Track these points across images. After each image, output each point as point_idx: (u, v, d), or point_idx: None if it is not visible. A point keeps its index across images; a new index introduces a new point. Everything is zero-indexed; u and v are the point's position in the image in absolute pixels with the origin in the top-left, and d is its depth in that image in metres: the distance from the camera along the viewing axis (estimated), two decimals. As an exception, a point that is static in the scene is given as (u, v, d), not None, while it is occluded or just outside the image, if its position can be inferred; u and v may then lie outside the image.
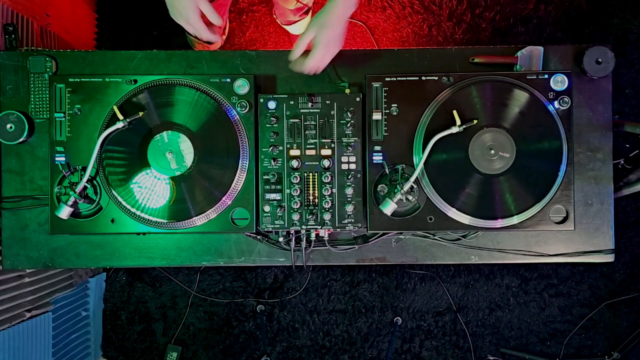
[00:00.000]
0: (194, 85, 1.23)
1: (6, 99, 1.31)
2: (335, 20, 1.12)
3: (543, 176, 1.20)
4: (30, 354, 1.65)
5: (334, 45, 1.16)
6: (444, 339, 2.19)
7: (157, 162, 1.21)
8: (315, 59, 1.16)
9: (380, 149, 1.23)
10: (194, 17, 1.14)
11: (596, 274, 2.17)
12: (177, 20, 1.17)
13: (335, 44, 1.16)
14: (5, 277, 1.55)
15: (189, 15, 1.14)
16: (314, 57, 1.16)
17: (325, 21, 1.13)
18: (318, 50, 1.15)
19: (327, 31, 1.13)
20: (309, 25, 1.15)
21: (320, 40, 1.14)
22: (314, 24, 1.14)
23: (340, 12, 1.12)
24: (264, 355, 2.18)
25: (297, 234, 1.26)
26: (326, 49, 1.15)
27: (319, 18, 1.14)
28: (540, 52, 1.27)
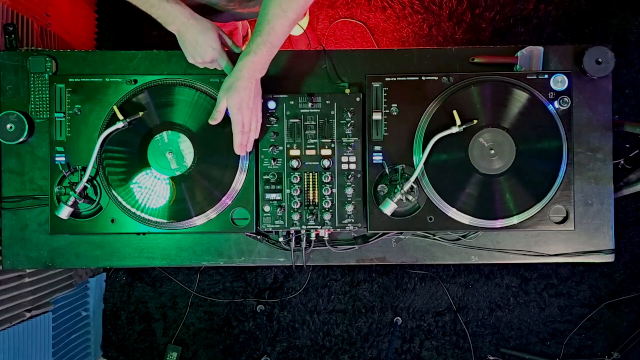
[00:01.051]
0: (194, 85, 1.23)
1: (6, 99, 1.31)
2: (241, 84, 1.10)
3: (543, 176, 1.20)
4: (30, 354, 1.65)
5: (247, 107, 1.13)
6: (444, 339, 2.19)
7: (157, 162, 1.21)
8: (235, 126, 1.14)
9: (380, 149, 1.23)
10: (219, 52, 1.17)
11: (596, 274, 2.17)
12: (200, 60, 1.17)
13: (248, 107, 1.13)
14: (5, 277, 1.55)
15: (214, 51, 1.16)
16: (234, 125, 1.14)
17: (231, 86, 1.11)
18: (232, 116, 1.14)
19: (235, 95, 1.11)
20: (219, 92, 1.14)
21: (231, 105, 1.13)
22: (222, 90, 1.14)
23: (246, 75, 1.10)
24: (264, 355, 2.18)
25: (297, 234, 1.26)
26: (240, 112, 1.13)
27: (225, 83, 1.13)
28: (540, 52, 1.27)
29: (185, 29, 1.13)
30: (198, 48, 1.15)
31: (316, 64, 1.31)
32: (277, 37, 1.09)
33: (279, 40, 1.10)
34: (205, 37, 1.14)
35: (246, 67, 1.10)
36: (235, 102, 1.12)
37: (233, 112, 1.13)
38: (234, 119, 1.14)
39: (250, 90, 1.12)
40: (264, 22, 1.08)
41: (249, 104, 1.13)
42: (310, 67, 1.31)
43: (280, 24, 1.08)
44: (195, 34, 1.13)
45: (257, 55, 1.09)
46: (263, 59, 1.10)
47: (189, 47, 1.15)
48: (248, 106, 1.13)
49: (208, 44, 1.14)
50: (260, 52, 1.09)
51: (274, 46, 1.10)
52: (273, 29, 1.08)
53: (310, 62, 1.31)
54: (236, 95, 1.12)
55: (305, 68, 1.31)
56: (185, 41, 1.15)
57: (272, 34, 1.08)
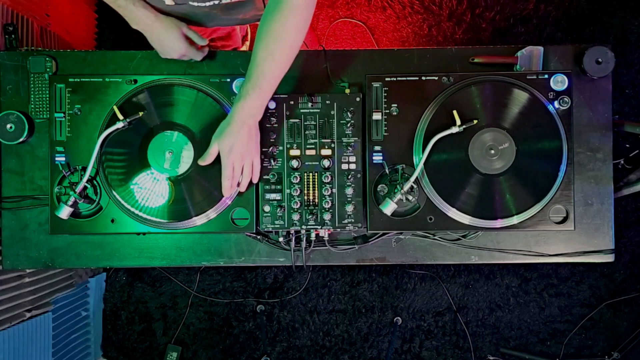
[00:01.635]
0: (194, 85, 1.23)
1: (6, 99, 1.31)
2: (232, 128, 1.10)
3: (543, 176, 1.20)
4: (30, 354, 1.65)
5: (237, 153, 1.13)
6: (444, 339, 2.19)
7: (157, 162, 1.21)
8: (224, 170, 1.14)
9: (380, 149, 1.23)
10: (186, 48, 1.21)
11: (596, 274, 2.17)
12: (171, 57, 1.23)
13: (239, 152, 1.13)
14: (5, 277, 1.55)
15: (181, 48, 1.21)
16: (223, 168, 1.14)
17: (223, 130, 1.12)
18: (222, 159, 1.14)
19: (226, 139, 1.11)
20: (213, 135, 1.15)
21: (221, 149, 1.13)
22: (215, 134, 1.14)
23: (237, 120, 1.10)
24: (264, 355, 2.18)
25: (297, 234, 1.26)
26: (229, 157, 1.13)
27: (219, 129, 1.14)
28: (540, 52, 1.27)
29: (149, 30, 1.17)
30: (164, 47, 1.20)
31: (316, 64, 1.31)
32: (267, 81, 1.08)
33: (269, 85, 1.09)
34: (168, 36, 1.18)
35: (237, 113, 1.10)
36: (226, 146, 1.12)
37: (223, 155, 1.14)
38: (223, 162, 1.14)
39: (242, 135, 1.12)
40: (253, 67, 1.08)
41: (241, 150, 1.13)
42: (310, 67, 1.31)
43: (269, 67, 1.07)
44: (159, 34, 1.17)
45: (247, 100, 1.09)
46: (254, 103, 1.10)
47: (157, 46, 1.21)
48: (239, 151, 1.13)
49: (172, 42, 1.18)
50: (250, 97, 1.09)
51: (265, 90, 1.09)
52: (262, 72, 1.07)
53: (310, 62, 1.31)
54: (227, 139, 1.12)
55: (305, 68, 1.31)
56: (151, 41, 1.21)
57: (262, 78, 1.08)
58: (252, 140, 1.15)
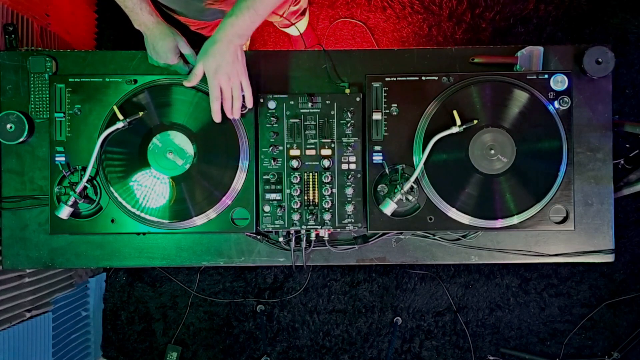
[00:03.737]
0: (194, 85, 1.23)
1: (6, 99, 1.31)
2: (217, 47, 1.09)
3: (543, 176, 1.20)
4: (30, 354, 1.65)
5: (224, 73, 1.11)
6: (444, 339, 2.19)
7: (157, 162, 1.21)
8: (211, 92, 1.13)
9: (380, 149, 1.23)
10: (173, 59, 1.22)
11: (596, 274, 2.17)
12: (158, 61, 1.24)
13: (226, 72, 1.11)
14: (5, 277, 1.55)
15: (168, 58, 1.21)
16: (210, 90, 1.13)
17: (207, 49, 1.10)
18: (208, 80, 1.13)
19: (211, 59, 1.10)
20: (197, 57, 1.14)
21: (207, 69, 1.12)
22: (199, 56, 1.13)
23: (223, 37, 1.08)
24: (264, 355, 2.18)
25: (297, 234, 1.26)
26: (215, 77, 1.11)
27: (204, 47, 1.12)
28: (540, 52, 1.27)
29: (148, 32, 1.19)
30: (154, 52, 1.21)
31: (316, 64, 1.31)
32: (263, 5, 1.07)
33: (264, 9, 1.07)
34: (162, 43, 1.19)
35: (224, 30, 1.08)
36: (211, 65, 1.10)
37: (209, 76, 1.12)
38: (210, 83, 1.12)
39: (228, 54, 1.09)
40: None
41: (227, 69, 1.10)
42: (310, 67, 1.31)
43: None
44: (154, 39, 1.19)
45: (238, 18, 1.07)
46: (244, 23, 1.08)
47: (149, 49, 1.23)
48: (225, 72, 1.10)
49: (163, 50, 1.20)
50: (242, 15, 1.07)
51: (258, 14, 1.07)
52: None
53: (310, 62, 1.31)
54: (212, 59, 1.10)
55: (305, 68, 1.31)
56: (146, 43, 1.22)
57: (258, 1, 1.07)
58: (238, 61, 1.12)
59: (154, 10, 1.18)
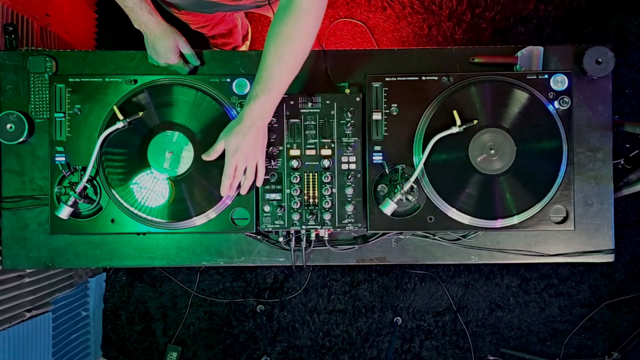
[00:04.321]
0: (194, 85, 1.23)
1: (6, 99, 1.31)
2: (240, 128, 1.10)
3: (543, 176, 1.20)
4: (30, 354, 1.65)
5: (243, 153, 1.12)
6: (444, 339, 2.19)
7: (157, 162, 1.21)
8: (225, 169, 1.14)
9: (380, 149, 1.23)
10: (173, 59, 1.25)
11: (596, 274, 2.17)
12: (158, 61, 1.26)
13: (244, 153, 1.13)
14: (5, 277, 1.55)
15: (169, 58, 1.24)
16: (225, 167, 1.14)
17: (231, 129, 1.12)
18: (226, 158, 1.14)
19: (233, 138, 1.11)
20: (221, 132, 1.15)
21: (227, 147, 1.13)
22: (222, 134, 1.15)
23: (246, 121, 1.10)
24: (264, 355, 2.18)
25: (297, 234, 1.26)
26: (234, 157, 1.12)
27: (228, 127, 1.14)
28: (540, 52, 1.27)
29: (148, 32, 1.21)
30: (154, 52, 1.24)
31: (316, 64, 1.31)
32: (276, 84, 1.08)
33: (278, 88, 1.09)
34: (161, 44, 1.21)
35: (246, 114, 1.10)
36: (232, 145, 1.12)
37: (228, 154, 1.14)
38: (227, 161, 1.14)
39: (250, 136, 1.11)
40: (262, 69, 1.08)
41: (246, 149, 1.12)
42: (310, 67, 1.31)
43: (278, 70, 1.07)
44: (154, 39, 1.21)
45: (256, 102, 1.09)
46: (263, 106, 1.10)
47: (149, 49, 1.25)
48: (244, 152, 1.12)
49: (164, 50, 1.22)
50: (260, 99, 1.09)
51: (274, 93, 1.09)
52: (271, 75, 1.07)
53: (310, 62, 1.31)
54: (234, 138, 1.12)
55: (305, 68, 1.31)
56: (146, 43, 1.25)
57: (271, 80, 1.08)
58: (259, 143, 1.14)
59: (154, 10, 1.19)
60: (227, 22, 1.71)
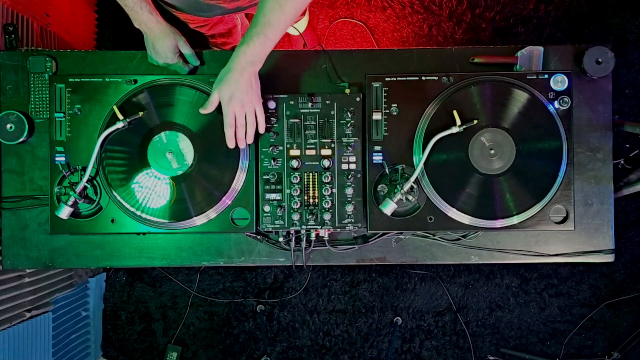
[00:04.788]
0: (194, 85, 1.23)
1: (6, 99, 1.31)
2: (232, 75, 1.10)
3: (543, 176, 1.20)
4: (30, 354, 1.65)
5: (238, 100, 1.12)
6: (444, 339, 2.19)
7: (157, 162, 1.21)
8: (225, 118, 1.14)
9: (380, 149, 1.23)
10: (172, 58, 1.24)
11: (596, 274, 2.17)
12: (158, 61, 1.26)
13: (239, 100, 1.12)
14: (5, 277, 1.55)
15: (168, 57, 1.24)
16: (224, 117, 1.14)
17: (222, 77, 1.12)
18: (223, 108, 1.14)
19: (225, 86, 1.11)
20: (214, 85, 1.15)
21: (221, 96, 1.13)
22: (214, 85, 1.14)
23: (237, 66, 1.09)
24: (264, 355, 2.18)
25: (297, 234, 1.26)
26: (230, 105, 1.12)
27: (218, 77, 1.14)
28: (540, 52, 1.27)
29: (148, 31, 1.20)
30: (154, 51, 1.24)
31: (316, 64, 1.31)
32: (272, 30, 1.08)
33: (274, 34, 1.09)
34: (161, 43, 1.21)
35: (237, 58, 1.10)
36: (225, 93, 1.12)
37: (223, 104, 1.13)
38: (224, 110, 1.14)
39: (242, 82, 1.11)
40: (260, 15, 1.07)
41: (241, 97, 1.12)
42: (310, 67, 1.31)
43: (276, 17, 1.07)
44: (154, 39, 1.21)
45: (249, 46, 1.08)
46: (256, 49, 1.09)
47: (149, 48, 1.25)
48: (239, 99, 1.12)
49: (163, 50, 1.22)
50: (254, 42, 1.08)
51: (269, 39, 1.08)
52: (269, 21, 1.07)
53: (310, 62, 1.31)
54: (226, 86, 1.11)
55: (305, 68, 1.31)
56: (146, 42, 1.24)
57: (267, 26, 1.07)
58: (252, 89, 1.13)
59: (154, 9, 1.19)
60: (226, 22, 1.71)
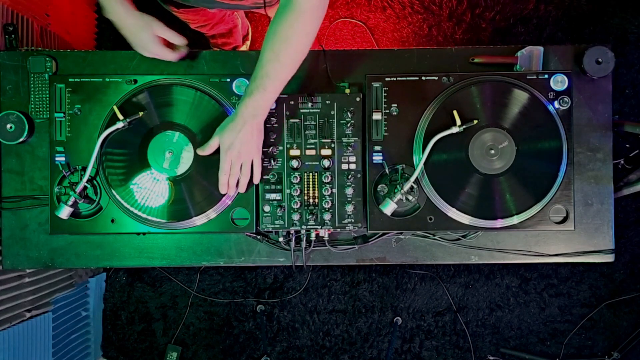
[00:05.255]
0: (194, 85, 1.23)
1: (6, 99, 1.31)
2: (235, 125, 1.11)
3: (543, 176, 1.20)
4: (30, 354, 1.65)
5: (236, 150, 1.13)
6: (444, 339, 2.19)
7: (157, 162, 1.21)
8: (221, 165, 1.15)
9: (380, 149, 1.23)
10: (156, 48, 1.20)
11: (596, 274, 2.17)
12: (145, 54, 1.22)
13: (238, 150, 1.13)
14: (5, 277, 1.55)
15: (152, 48, 1.20)
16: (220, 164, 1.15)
17: (226, 125, 1.13)
18: (221, 154, 1.14)
19: (227, 135, 1.12)
20: (216, 130, 1.15)
21: (221, 143, 1.13)
22: (217, 130, 1.15)
23: (240, 117, 1.10)
24: (264, 355, 2.18)
25: (297, 234, 1.26)
26: (228, 153, 1.13)
27: (223, 123, 1.14)
28: (540, 52, 1.27)
29: (121, 25, 1.16)
30: (136, 45, 1.20)
31: (316, 64, 1.31)
32: (271, 83, 1.08)
33: (274, 86, 1.09)
34: (140, 36, 1.17)
35: (241, 110, 1.10)
36: (226, 141, 1.12)
37: (222, 150, 1.14)
38: (221, 157, 1.14)
39: (243, 133, 1.11)
40: (259, 67, 1.08)
41: (239, 147, 1.12)
42: (310, 67, 1.31)
43: (274, 69, 1.07)
44: (130, 32, 1.17)
45: (250, 99, 1.09)
46: (257, 103, 1.10)
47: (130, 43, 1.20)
48: (237, 149, 1.12)
49: (143, 42, 1.18)
50: (254, 96, 1.09)
51: (268, 91, 1.09)
52: (267, 74, 1.07)
53: (310, 62, 1.31)
54: (227, 135, 1.12)
55: (305, 68, 1.31)
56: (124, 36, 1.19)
57: (266, 78, 1.08)
58: (253, 140, 1.14)
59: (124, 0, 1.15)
60: (227, 22, 1.71)
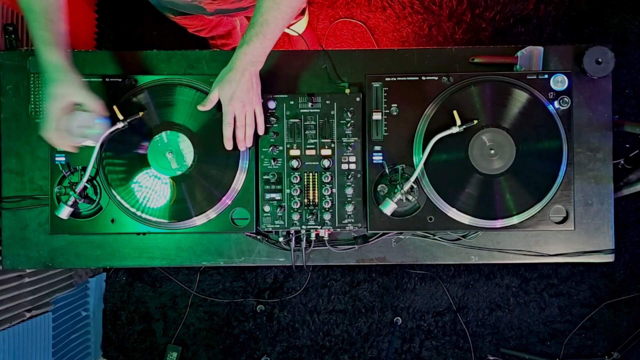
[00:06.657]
0: (194, 85, 1.23)
1: (6, 99, 1.31)
2: (233, 75, 1.10)
3: (543, 176, 1.20)
4: (30, 354, 1.65)
5: (239, 100, 1.12)
6: (444, 339, 2.19)
7: (157, 162, 1.21)
8: (224, 118, 1.14)
9: (380, 149, 1.23)
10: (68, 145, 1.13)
11: (596, 274, 2.17)
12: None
13: (240, 99, 1.12)
14: (5, 277, 1.55)
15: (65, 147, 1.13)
16: (223, 116, 1.14)
17: (223, 76, 1.12)
18: (223, 107, 1.13)
19: (227, 86, 1.11)
20: (214, 82, 1.14)
21: (222, 95, 1.13)
22: (215, 83, 1.14)
23: (238, 66, 1.09)
24: (264, 355, 2.18)
25: (297, 234, 1.26)
26: (230, 104, 1.12)
27: (219, 75, 1.13)
28: (540, 52, 1.27)
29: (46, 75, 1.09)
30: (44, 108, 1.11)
31: (316, 64, 1.31)
32: (270, 30, 1.08)
33: (273, 34, 1.09)
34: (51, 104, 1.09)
35: (238, 58, 1.10)
36: (226, 93, 1.12)
37: (224, 103, 1.13)
38: (224, 109, 1.14)
39: (244, 82, 1.11)
40: (258, 14, 1.07)
41: (241, 97, 1.12)
42: (310, 67, 1.31)
43: (273, 16, 1.07)
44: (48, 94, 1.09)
45: (249, 46, 1.09)
46: (256, 50, 1.09)
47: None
48: (240, 99, 1.12)
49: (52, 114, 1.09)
50: (253, 43, 1.08)
51: (267, 39, 1.08)
52: (266, 21, 1.07)
53: (310, 62, 1.31)
54: (227, 86, 1.11)
55: (305, 68, 1.31)
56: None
57: (265, 26, 1.07)
58: (253, 89, 1.14)
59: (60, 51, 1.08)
60: (225, 25, 1.71)
